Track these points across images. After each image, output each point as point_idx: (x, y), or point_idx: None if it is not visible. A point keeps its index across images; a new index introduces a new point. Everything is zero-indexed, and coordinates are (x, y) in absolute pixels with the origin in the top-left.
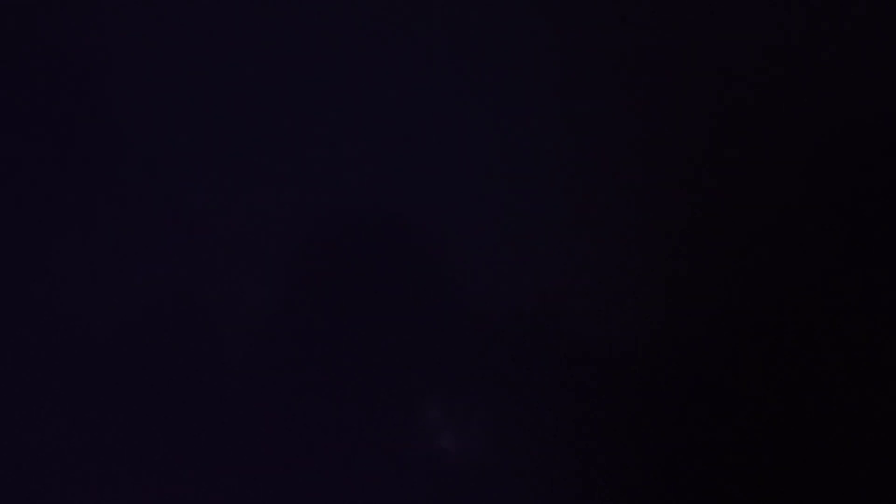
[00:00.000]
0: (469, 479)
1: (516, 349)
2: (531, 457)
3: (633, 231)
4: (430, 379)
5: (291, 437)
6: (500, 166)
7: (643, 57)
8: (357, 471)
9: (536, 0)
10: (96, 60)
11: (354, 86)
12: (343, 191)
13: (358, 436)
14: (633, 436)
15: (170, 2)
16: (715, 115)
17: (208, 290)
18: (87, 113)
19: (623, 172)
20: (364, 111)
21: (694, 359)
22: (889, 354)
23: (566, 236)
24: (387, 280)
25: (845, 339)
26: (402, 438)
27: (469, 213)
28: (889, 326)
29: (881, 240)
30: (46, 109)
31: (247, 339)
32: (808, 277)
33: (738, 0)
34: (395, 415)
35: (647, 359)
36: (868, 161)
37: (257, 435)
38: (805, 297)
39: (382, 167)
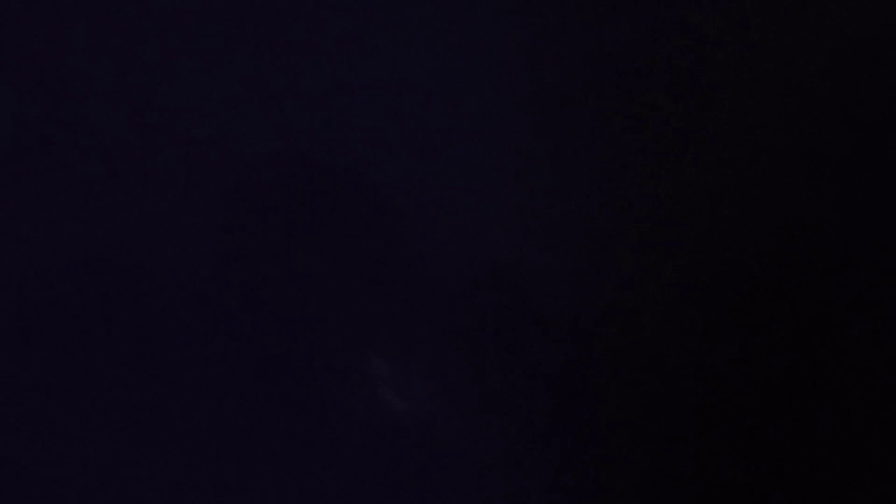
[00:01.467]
0: (415, 441)
1: (468, 308)
2: (480, 420)
3: (595, 191)
4: (376, 335)
5: (230, 388)
6: (461, 120)
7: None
8: (298, 428)
9: None
10: None
11: (305, 22)
12: (290, 136)
13: (300, 391)
14: (586, 398)
15: None
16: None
17: (145, 238)
18: (19, 54)
19: (586, 127)
20: (317, 52)
21: (651, 322)
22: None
23: (525, 194)
24: (335, 230)
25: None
26: (347, 396)
27: (425, 165)
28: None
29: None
30: None
31: (185, 287)
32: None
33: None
34: (339, 369)
35: (603, 321)
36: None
37: (195, 387)
38: (769, 259)
39: (335, 112)
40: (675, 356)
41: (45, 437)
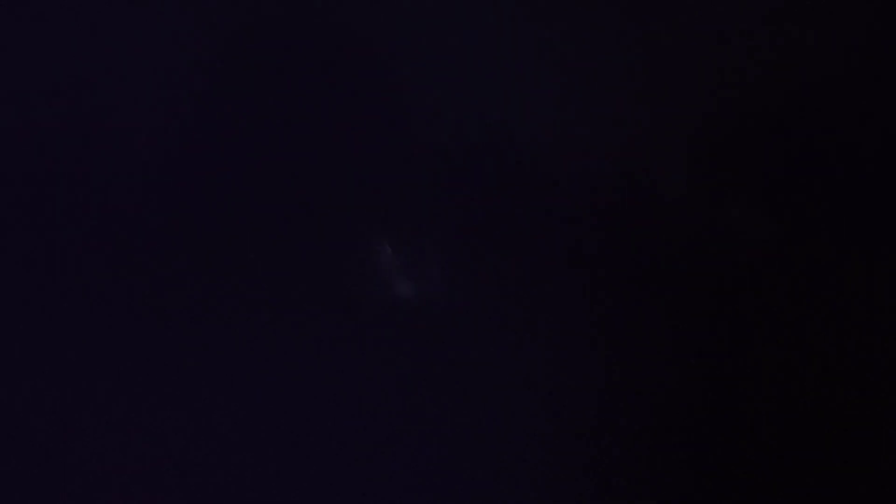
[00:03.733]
0: (428, 330)
1: (478, 190)
2: (494, 308)
3: (608, 70)
4: (382, 218)
5: (227, 279)
6: None
7: None
8: (305, 316)
9: None
10: None
11: None
12: None
13: (303, 277)
14: (597, 270)
15: None
16: None
17: (116, 92)
18: None
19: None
20: None
21: (661, 186)
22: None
23: (537, 69)
24: (327, 96)
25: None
26: (354, 282)
27: (431, 36)
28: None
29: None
30: None
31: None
32: None
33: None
34: (345, 255)
35: (617, 203)
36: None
37: (175, 275)
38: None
39: None
40: (681, 221)
41: None
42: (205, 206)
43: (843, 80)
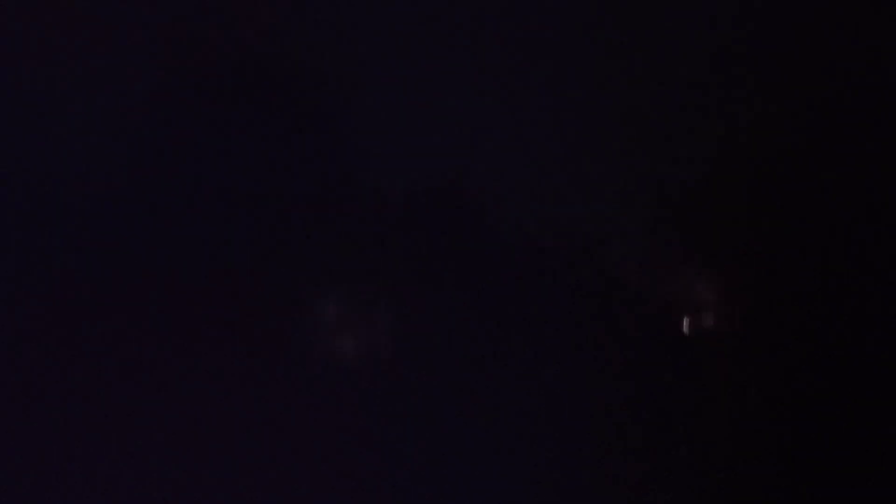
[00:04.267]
0: (379, 389)
1: (429, 240)
2: (446, 360)
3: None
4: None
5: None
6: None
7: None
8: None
9: None
10: None
11: None
12: None
13: (248, 330)
14: (554, 336)
15: None
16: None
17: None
18: None
19: None
20: None
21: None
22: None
23: (493, 115)
24: (278, 139)
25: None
26: (299, 337)
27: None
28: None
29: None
30: None
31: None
32: None
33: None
34: (289, 308)
35: (572, 251)
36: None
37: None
38: None
39: None
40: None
41: None
42: (150, 246)
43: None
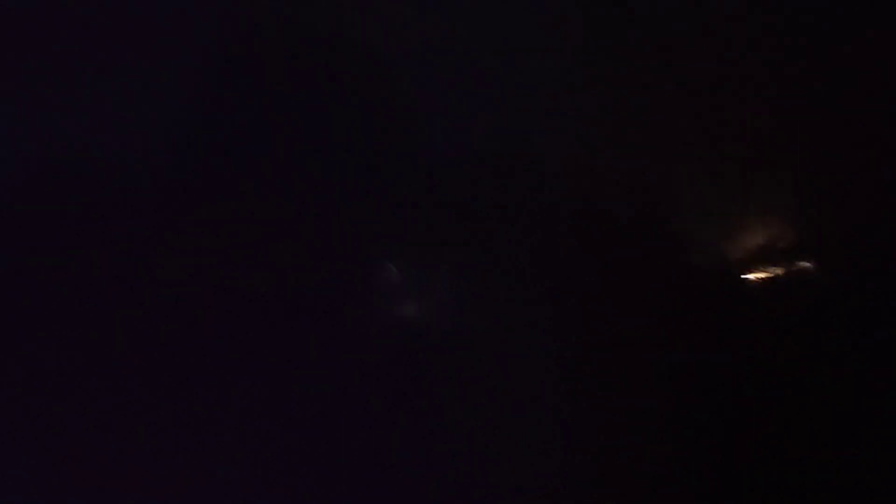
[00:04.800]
0: (435, 352)
1: (488, 206)
2: (498, 326)
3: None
4: (387, 238)
5: (226, 293)
6: None
7: None
8: (305, 335)
9: None
10: None
11: None
12: None
13: (304, 295)
14: (609, 304)
15: None
16: None
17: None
18: None
19: None
20: None
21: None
22: None
23: (548, 80)
24: (334, 109)
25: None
26: (357, 305)
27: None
28: None
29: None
30: None
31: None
32: None
33: None
34: (348, 273)
35: (627, 218)
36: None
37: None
38: None
39: None
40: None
41: None
42: (204, 214)
43: None
